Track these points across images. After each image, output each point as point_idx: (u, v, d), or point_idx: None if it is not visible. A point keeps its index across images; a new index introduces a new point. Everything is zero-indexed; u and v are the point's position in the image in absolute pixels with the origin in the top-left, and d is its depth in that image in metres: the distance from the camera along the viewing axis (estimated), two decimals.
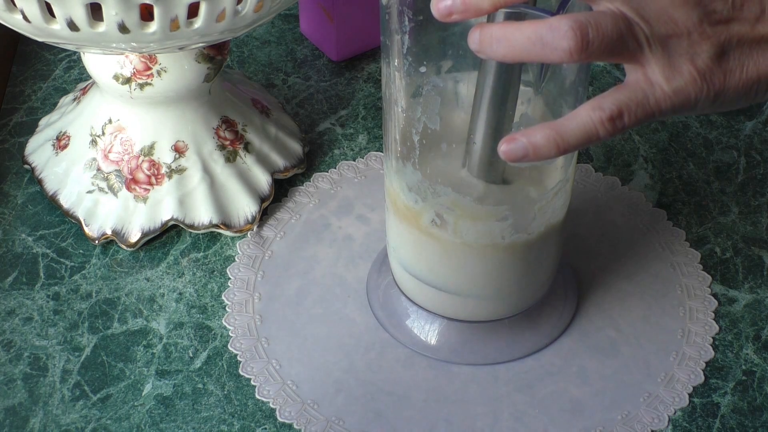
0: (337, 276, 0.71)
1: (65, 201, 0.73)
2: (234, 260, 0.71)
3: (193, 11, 0.60)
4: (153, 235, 0.72)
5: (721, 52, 0.49)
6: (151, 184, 0.71)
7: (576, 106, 0.58)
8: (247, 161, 0.73)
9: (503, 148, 0.50)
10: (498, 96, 0.56)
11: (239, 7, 0.61)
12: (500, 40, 0.48)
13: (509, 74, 0.55)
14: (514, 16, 0.53)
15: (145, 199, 0.71)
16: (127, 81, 0.69)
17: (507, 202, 0.60)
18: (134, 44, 0.62)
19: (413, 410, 0.64)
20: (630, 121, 0.49)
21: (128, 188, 0.71)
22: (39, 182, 0.74)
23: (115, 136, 0.71)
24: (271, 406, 0.64)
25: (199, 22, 0.61)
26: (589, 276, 0.71)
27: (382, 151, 0.78)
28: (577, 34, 0.47)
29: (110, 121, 0.71)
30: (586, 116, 0.49)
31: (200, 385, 0.65)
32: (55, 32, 0.61)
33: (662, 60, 0.48)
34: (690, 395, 0.65)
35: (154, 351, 0.67)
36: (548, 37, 0.47)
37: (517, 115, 0.57)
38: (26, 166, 0.76)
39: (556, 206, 0.61)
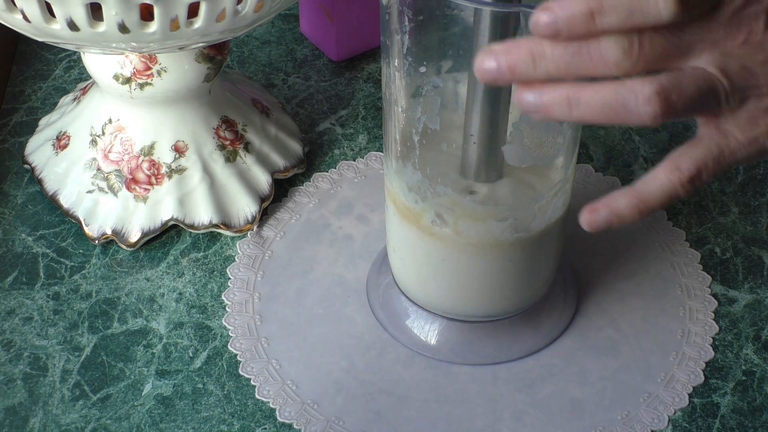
0: (337, 276, 0.71)
1: (65, 201, 0.73)
2: (234, 260, 0.71)
3: (193, 11, 0.60)
4: (153, 235, 0.72)
5: None
6: (151, 184, 0.71)
7: None
8: (247, 161, 0.73)
9: (586, 218, 0.49)
10: (491, 95, 0.56)
11: (239, 7, 0.61)
12: (575, 102, 0.46)
13: None
14: (513, 16, 0.53)
15: (145, 199, 0.71)
16: (127, 81, 0.69)
17: (507, 202, 0.60)
18: (134, 44, 0.62)
19: (413, 410, 0.64)
20: (708, 178, 0.48)
21: (128, 188, 0.71)
22: (39, 182, 0.74)
23: (115, 136, 0.71)
24: (271, 406, 0.64)
25: (199, 22, 0.61)
26: (589, 276, 0.71)
27: (382, 151, 0.78)
28: (661, 98, 0.45)
29: (110, 121, 0.71)
30: (666, 179, 0.48)
31: (200, 385, 0.65)
32: (55, 32, 0.61)
33: (737, 113, 0.47)
34: (690, 395, 0.65)
35: (154, 351, 0.67)
36: (631, 102, 0.46)
37: (516, 115, 0.57)
38: (26, 166, 0.76)
39: (556, 206, 0.61)
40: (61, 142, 0.74)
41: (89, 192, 0.72)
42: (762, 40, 0.47)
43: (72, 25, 0.60)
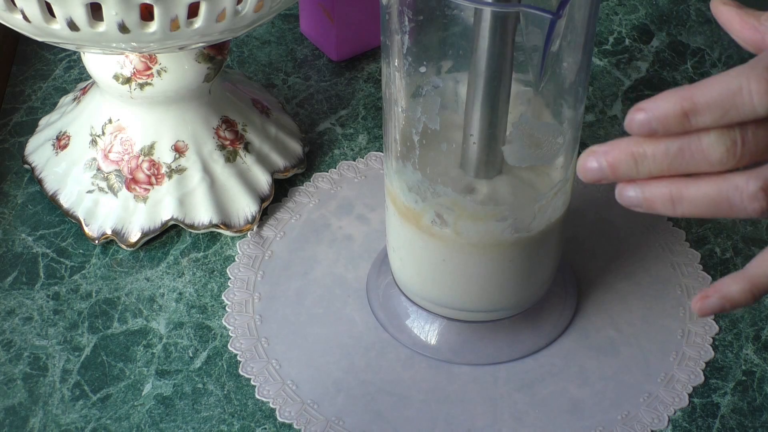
0: (337, 276, 0.71)
1: (65, 201, 0.73)
2: (234, 260, 0.71)
3: (193, 11, 0.60)
4: (153, 235, 0.72)
5: None
6: (151, 184, 0.71)
7: (576, 107, 0.59)
8: (247, 161, 0.73)
9: (698, 306, 0.49)
10: (490, 95, 0.56)
11: (239, 7, 0.61)
12: (678, 201, 0.46)
13: (501, 73, 0.55)
14: (512, 15, 0.53)
15: (145, 199, 0.71)
16: (127, 81, 0.69)
17: (507, 201, 0.60)
18: (134, 44, 0.62)
19: (413, 410, 0.64)
20: None
21: (128, 188, 0.71)
22: (39, 182, 0.74)
23: (115, 136, 0.71)
24: (271, 406, 0.64)
25: (199, 22, 0.61)
26: (589, 276, 0.71)
27: (382, 151, 0.78)
28: (767, 194, 0.45)
29: (110, 121, 0.71)
30: None
31: (200, 385, 0.65)
32: (55, 32, 0.61)
33: None
34: (690, 395, 0.65)
35: (154, 351, 0.67)
36: (736, 199, 0.45)
37: (516, 115, 0.57)
38: (26, 166, 0.76)
39: (556, 206, 0.61)
40: (61, 142, 0.74)
41: (89, 192, 0.72)
42: None
43: (72, 25, 0.60)
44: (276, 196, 0.75)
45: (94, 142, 0.72)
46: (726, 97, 0.44)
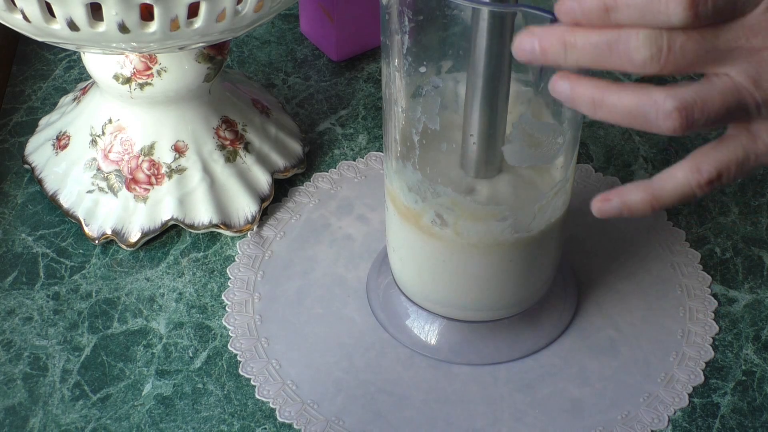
0: (337, 276, 0.71)
1: (65, 201, 0.73)
2: (234, 260, 0.71)
3: (193, 11, 0.60)
4: (153, 235, 0.72)
5: None
6: (151, 184, 0.71)
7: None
8: (247, 161, 0.73)
9: (597, 206, 0.49)
10: (489, 95, 0.56)
11: (239, 7, 0.61)
12: (599, 105, 0.47)
13: (500, 73, 0.55)
14: (510, 16, 0.53)
15: (145, 199, 0.71)
16: (127, 81, 0.69)
17: (507, 201, 0.60)
18: (134, 44, 0.62)
19: (413, 410, 0.64)
20: (728, 181, 0.47)
21: (128, 188, 0.71)
22: (39, 182, 0.74)
23: (115, 136, 0.71)
24: (271, 406, 0.64)
25: (199, 22, 0.61)
26: (589, 276, 0.71)
27: (382, 151, 0.78)
28: (682, 114, 0.45)
29: (110, 121, 0.71)
30: (684, 179, 0.47)
31: (200, 385, 0.65)
32: (55, 32, 0.61)
33: None
34: (690, 395, 0.65)
35: (154, 351, 0.67)
36: (651, 114, 0.45)
37: (515, 115, 0.57)
38: (26, 166, 0.76)
39: (556, 206, 0.61)
40: (61, 142, 0.74)
41: (89, 192, 0.72)
42: None
43: (72, 25, 0.60)
44: (276, 196, 0.75)
45: (94, 142, 0.72)
46: (646, 0, 0.45)
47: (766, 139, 0.47)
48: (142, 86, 0.69)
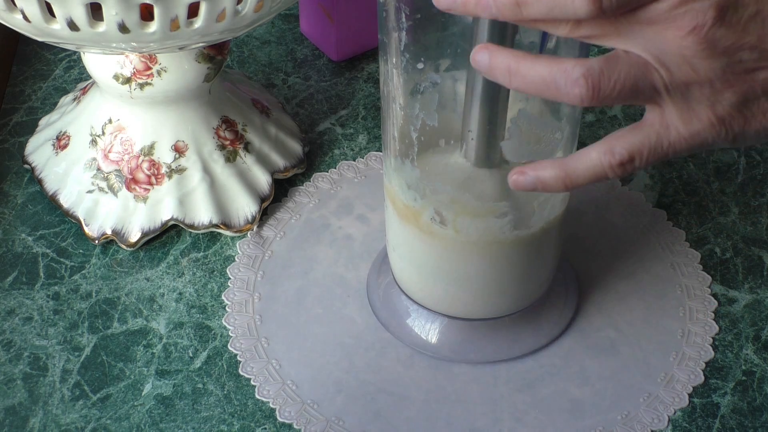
0: (337, 276, 0.71)
1: (65, 201, 0.73)
2: (234, 260, 0.71)
3: (193, 11, 0.60)
4: (153, 235, 0.72)
5: (743, 99, 0.48)
6: (151, 184, 0.71)
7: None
8: (247, 161, 0.73)
9: (513, 178, 0.51)
10: (489, 91, 0.56)
11: (239, 7, 0.61)
12: (514, 73, 0.48)
13: None
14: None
15: (145, 199, 0.71)
16: (127, 81, 0.69)
17: (506, 198, 0.60)
18: (134, 44, 0.62)
19: (413, 410, 0.64)
20: (641, 165, 0.49)
21: (128, 188, 0.71)
22: (39, 182, 0.74)
23: (115, 136, 0.71)
24: (271, 406, 0.64)
25: (199, 22, 0.61)
26: (589, 276, 0.71)
27: (381, 151, 0.78)
28: (588, 82, 0.46)
29: (110, 121, 0.71)
30: (597, 159, 0.49)
31: (200, 385, 0.65)
32: (55, 32, 0.61)
33: (681, 105, 0.47)
34: (690, 395, 0.65)
35: (154, 351, 0.67)
36: (561, 81, 0.47)
37: (514, 110, 0.57)
38: (26, 166, 0.76)
39: (556, 202, 0.61)
40: (61, 142, 0.74)
41: (89, 192, 0.72)
42: (709, 35, 0.46)
43: (72, 25, 0.60)
44: (276, 196, 0.75)
45: (94, 142, 0.72)
46: None
47: (679, 127, 0.48)
48: (142, 86, 0.69)
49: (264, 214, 0.74)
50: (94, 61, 0.69)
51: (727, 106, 0.48)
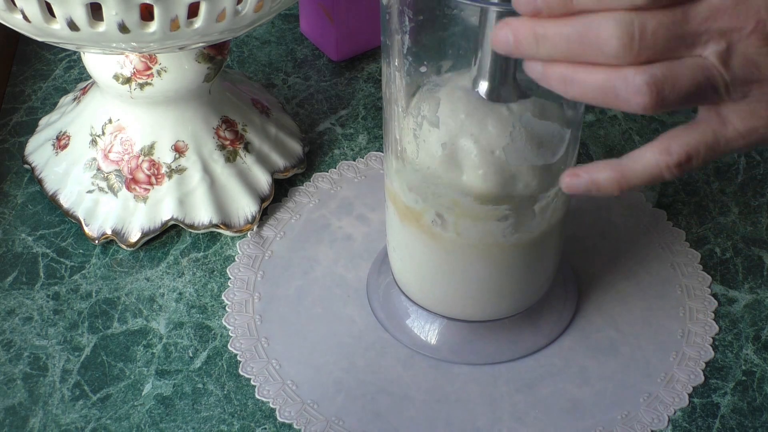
0: (337, 276, 0.71)
1: (65, 201, 0.73)
2: (234, 260, 0.71)
3: (193, 11, 0.60)
4: (153, 235, 0.72)
5: None
6: (151, 184, 0.71)
7: (576, 106, 0.59)
8: (247, 161, 0.73)
9: (566, 181, 0.49)
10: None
11: (239, 7, 0.61)
12: (569, 81, 0.46)
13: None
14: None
15: (145, 199, 0.71)
16: (127, 81, 0.69)
17: (507, 201, 0.60)
18: (134, 44, 0.62)
19: (413, 410, 0.64)
20: (698, 164, 0.47)
21: (128, 188, 0.71)
22: (39, 182, 0.74)
23: (115, 136, 0.71)
24: (271, 406, 0.64)
25: (199, 22, 0.61)
26: (589, 276, 0.71)
27: (382, 151, 0.78)
28: (652, 90, 0.45)
29: (110, 121, 0.71)
30: (653, 159, 0.47)
31: (200, 385, 0.65)
32: (55, 32, 0.61)
33: (740, 104, 0.46)
34: (690, 395, 0.65)
35: (154, 351, 0.67)
36: (621, 89, 0.45)
37: (517, 114, 0.57)
38: (26, 166, 0.76)
39: (557, 206, 0.61)
40: (61, 142, 0.74)
41: (89, 192, 0.72)
42: None
43: (72, 25, 0.60)
44: (276, 196, 0.75)
45: (94, 142, 0.72)
46: None
47: (736, 123, 0.47)
48: (142, 86, 0.69)
49: (264, 214, 0.74)
50: (94, 61, 0.69)
51: None
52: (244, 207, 0.72)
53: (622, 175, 0.48)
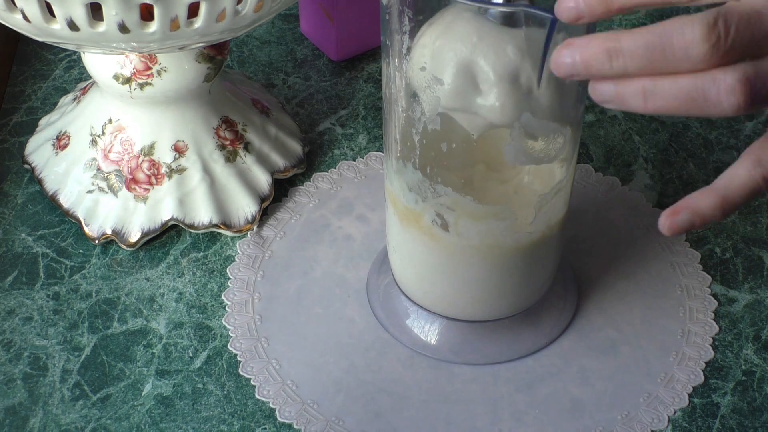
0: (337, 276, 0.71)
1: (65, 201, 0.73)
2: (234, 260, 0.71)
3: (193, 11, 0.60)
4: (153, 235, 0.72)
5: None
6: (151, 184, 0.71)
7: (576, 106, 0.59)
8: (247, 161, 0.73)
9: (666, 222, 0.47)
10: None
11: (239, 7, 0.61)
12: (650, 94, 0.44)
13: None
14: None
15: (145, 199, 0.71)
16: (127, 81, 0.69)
17: (507, 201, 0.60)
18: (134, 44, 0.62)
19: (413, 410, 0.64)
20: None
21: (128, 188, 0.71)
22: (39, 182, 0.74)
23: (115, 136, 0.71)
24: (271, 406, 0.64)
25: (199, 22, 0.61)
26: (589, 276, 0.71)
27: (382, 151, 0.78)
28: (746, 88, 0.43)
29: (110, 121, 0.71)
30: (747, 176, 0.46)
31: (200, 385, 0.65)
32: (55, 32, 0.61)
33: None
34: (690, 395, 0.65)
35: (154, 351, 0.67)
36: (712, 92, 0.43)
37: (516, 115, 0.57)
38: (26, 166, 0.76)
39: (556, 206, 0.61)
40: (61, 142, 0.74)
41: (89, 192, 0.72)
42: None
43: (72, 25, 0.60)
44: (276, 196, 0.75)
45: (94, 142, 0.72)
46: None
47: None
48: (142, 86, 0.69)
49: (264, 214, 0.74)
50: (94, 61, 0.69)
51: None
52: (244, 207, 0.72)
53: (722, 197, 0.46)
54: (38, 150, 0.75)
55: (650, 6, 0.45)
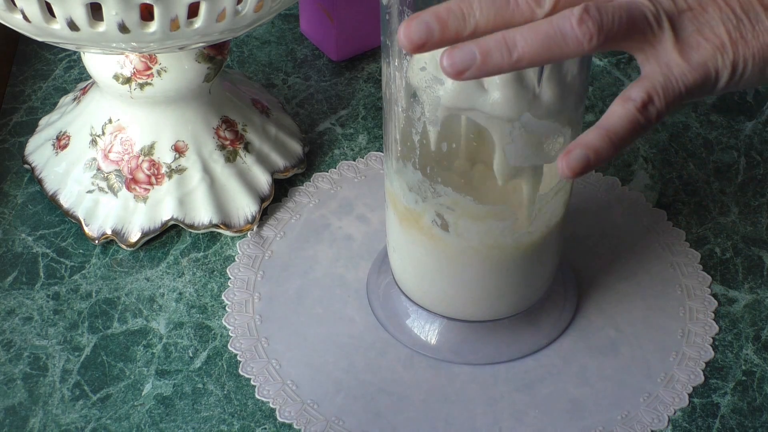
0: (337, 276, 0.71)
1: (65, 201, 0.73)
2: (234, 260, 0.71)
3: (193, 11, 0.60)
4: (153, 235, 0.72)
5: (736, 22, 0.48)
6: (151, 184, 0.71)
7: (576, 107, 0.59)
8: (247, 161, 0.73)
9: (563, 164, 0.48)
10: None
11: (239, 7, 0.61)
12: (514, 44, 0.47)
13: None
14: None
15: (145, 199, 0.71)
16: (127, 81, 0.69)
17: (507, 201, 0.60)
18: (134, 44, 0.62)
19: (413, 410, 0.64)
20: (661, 104, 0.48)
21: (128, 188, 0.71)
22: (39, 182, 0.74)
23: (115, 136, 0.71)
24: (271, 406, 0.64)
25: (199, 22, 0.61)
26: (589, 276, 0.71)
27: (382, 151, 0.78)
28: (592, 15, 0.46)
29: (110, 121, 0.71)
30: (622, 109, 0.48)
31: (200, 385, 0.65)
32: (55, 32, 0.61)
33: (674, 37, 0.48)
34: (690, 395, 0.65)
35: (154, 351, 0.67)
36: (567, 27, 0.46)
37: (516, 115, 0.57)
38: (26, 166, 0.76)
39: (556, 206, 0.61)
40: (61, 142, 0.74)
41: (89, 192, 0.72)
42: None
43: (72, 25, 0.60)
44: (276, 196, 0.75)
45: (94, 142, 0.72)
46: None
47: (678, 61, 0.48)
48: (142, 86, 0.69)
49: (264, 214, 0.74)
50: (94, 61, 0.69)
51: (720, 31, 0.48)
52: (244, 207, 0.72)
53: (607, 130, 0.48)
54: (38, 150, 0.75)
55: None
